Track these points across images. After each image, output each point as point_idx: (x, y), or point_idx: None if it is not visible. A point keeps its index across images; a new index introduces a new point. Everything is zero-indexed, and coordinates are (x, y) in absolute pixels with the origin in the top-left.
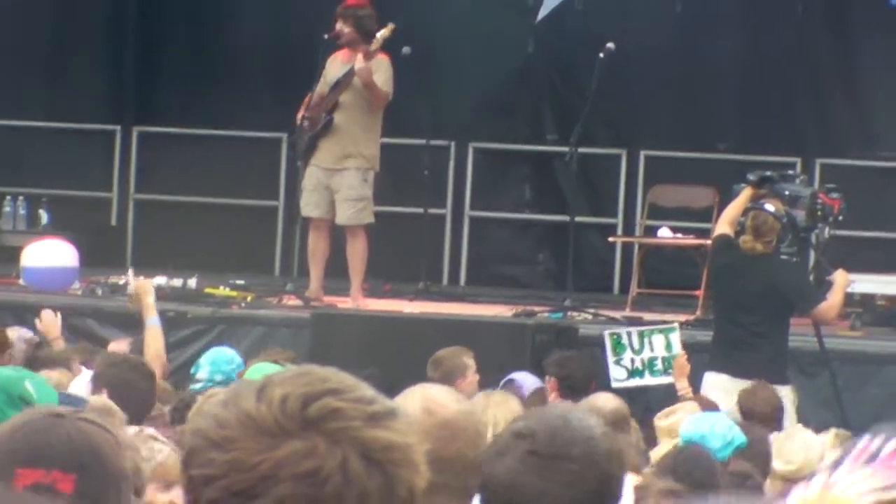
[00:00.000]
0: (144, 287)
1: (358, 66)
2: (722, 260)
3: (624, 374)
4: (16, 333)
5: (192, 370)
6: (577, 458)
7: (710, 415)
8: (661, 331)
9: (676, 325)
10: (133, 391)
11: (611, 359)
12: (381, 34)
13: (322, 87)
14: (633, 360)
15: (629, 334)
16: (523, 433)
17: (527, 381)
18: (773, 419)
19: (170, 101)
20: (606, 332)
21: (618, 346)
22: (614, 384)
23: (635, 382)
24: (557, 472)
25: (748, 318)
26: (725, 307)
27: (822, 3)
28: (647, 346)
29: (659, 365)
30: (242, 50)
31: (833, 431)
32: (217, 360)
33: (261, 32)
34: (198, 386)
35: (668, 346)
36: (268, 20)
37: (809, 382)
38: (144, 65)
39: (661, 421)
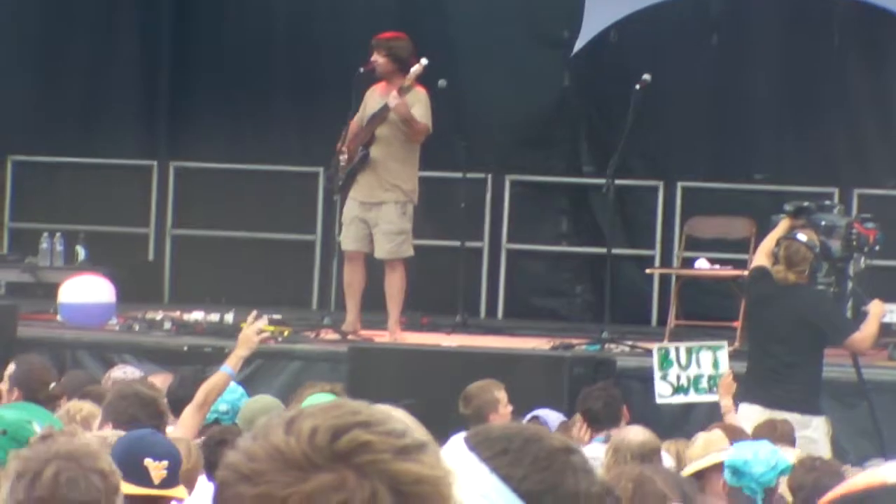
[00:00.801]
0: (251, 343)
1: (393, 104)
2: (757, 290)
3: (669, 390)
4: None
5: None
6: None
7: (753, 442)
8: (709, 348)
9: (725, 343)
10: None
11: (657, 374)
12: (414, 70)
13: (360, 119)
14: (678, 377)
15: (677, 349)
16: None
17: (550, 416)
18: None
19: (206, 135)
20: (655, 347)
21: (665, 361)
22: (659, 400)
23: (680, 399)
24: None
25: (781, 349)
26: (759, 338)
27: (857, 33)
28: (695, 362)
29: (704, 383)
30: (277, 83)
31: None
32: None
33: (295, 65)
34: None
35: (716, 364)
36: (300, 53)
37: (848, 413)
38: (181, 99)
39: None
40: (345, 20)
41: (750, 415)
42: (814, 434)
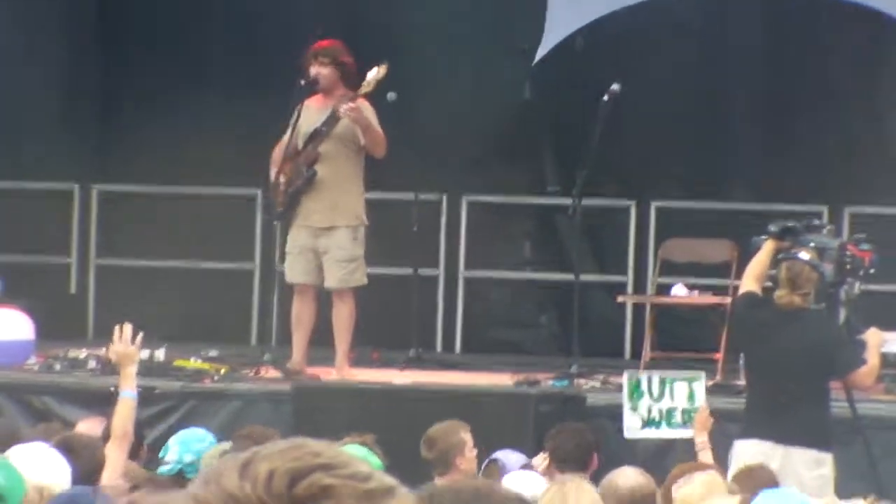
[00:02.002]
0: (131, 356)
1: (346, 108)
2: (752, 318)
3: (639, 423)
4: None
5: (160, 453)
6: None
7: (782, 491)
8: (685, 379)
9: (702, 374)
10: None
11: (626, 405)
12: (374, 75)
13: (293, 138)
14: (650, 409)
15: (649, 379)
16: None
17: (510, 458)
18: None
19: (133, 156)
20: (625, 374)
21: (635, 392)
22: (627, 434)
23: (651, 433)
24: None
25: (790, 380)
26: (762, 370)
27: (847, 37)
28: (668, 394)
29: (678, 417)
30: (210, 100)
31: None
32: (187, 439)
33: (230, 80)
34: (166, 469)
35: (691, 397)
36: (237, 65)
37: (842, 451)
38: (105, 117)
39: (677, 489)
40: (288, 30)
41: (757, 452)
42: (828, 473)
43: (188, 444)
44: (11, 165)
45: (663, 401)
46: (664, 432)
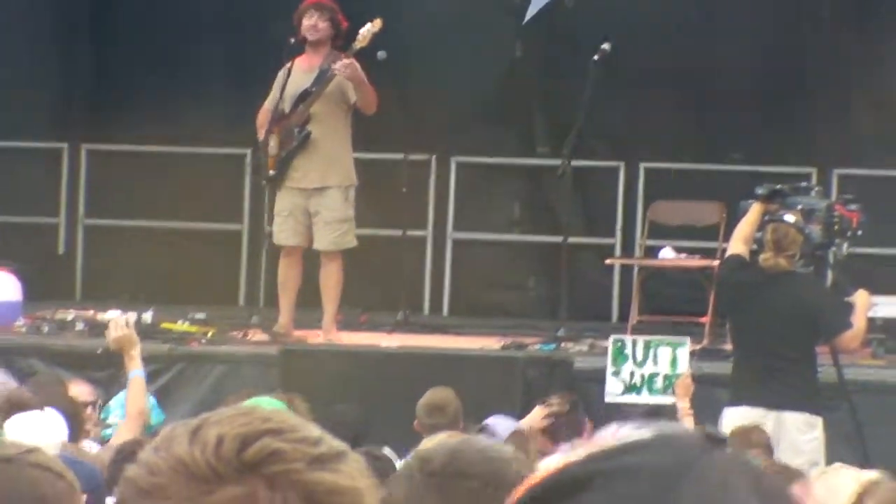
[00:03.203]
0: (131, 339)
1: (341, 66)
2: (738, 281)
3: (620, 388)
4: None
5: (101, 414)
6: (476, 476)
7: None
8: (669, 344)
9: (687, 340)
10: None
11: (609, 369)
12: (368, 30)
13: (280, 99)
14: (632, 374)
15: (634, 343)
16: (423, 458)
17: (500, 425)
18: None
19: (121, 115)
20: (610, 339)
21: (619, 356)
22: (608, 398)
23: (631, 399)
24: (456, 491)
25: (778, 343)
26: (748, 334)
27: (847, 4)
28: (651, 358)
29: (659, 383)
30: (200, 58)
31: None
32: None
33: (220, 39)
34: (109, 431)
35: (674, 363)
36: (227, 26)
37: (827, 416)
38: (94, 75)
39: None
40: None
41: (748, 418)
42: (820, 436)
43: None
44: None
45: (646, 366)
46: (644, 398)
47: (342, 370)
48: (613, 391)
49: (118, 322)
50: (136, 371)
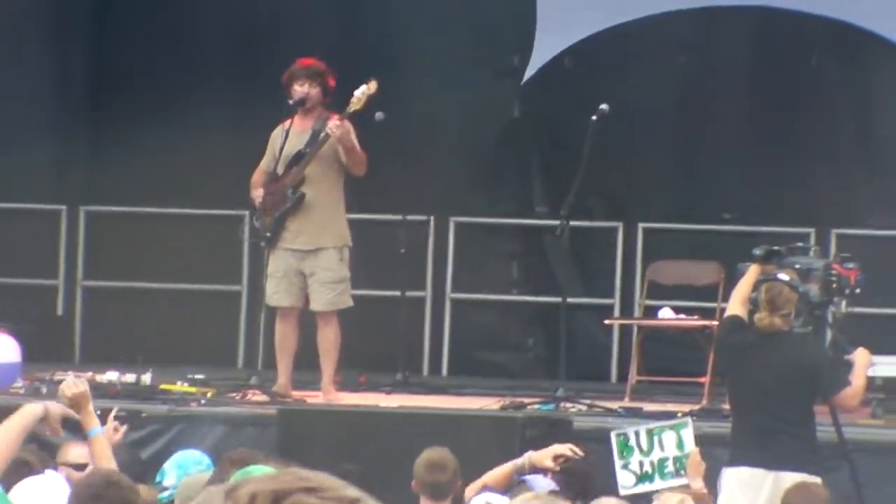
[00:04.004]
0: (86, 395)
1: (333, 127)
2: (735, 342)
3: (632, 479)
4: None
5: (157, 478)
6: None
7: None
8: (672, 427)
9: (689, 420)
10: None
11: (618, 463)
12: (364, 92)
13: (272, 161)
14: (641, 464)
15: (637, 434)
16: None
17: (538, 483)
18: None
19: (121, 177)
20: (613, 434)
21: (625, 449)
22: (622, 491)
23: (645, 488)
24: None
25: (776, 404)
26: (746, 394)
27: (838, 56)
28: (657, 445)
29: (670, 466)
30: (198, 118)
31: None
32: (184, 463)
33: (220, 98)
34: (166, 495)
35: (680, 444)
36: (228, 84)
37: (827, 476)
38: (92, 139)
39: None
40: (279, 43)
41: (747, 479)
42: None
43: (186, 469)
44: None
45: (653, 453)
46: (658, 484)
47: (341, 431)
48: (626, 483)
49: (70, 381)
50: (95, 429)
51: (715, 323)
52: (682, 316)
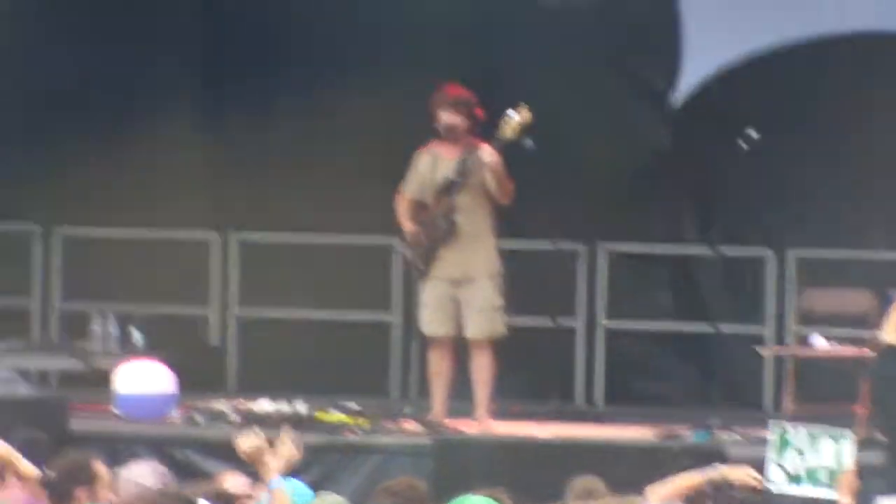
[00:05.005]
0: (262, 448)
1: (489, 158)
2: (890, 372)
3: (783, 477)
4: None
5: None
6: None
7: None
8: (832, 436)
9: (849, 433)
10: None
11: (772, 457)
12: (517, 121)
13: (418, 188)
14: (795, 464)
15: (796, 429)
16: None
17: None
18: None
19: (274, 203)
20: (771, 423)
21: (783, 444)
22: (773, 488)
23: (793, 490)
24: None
25: None
26: None
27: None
28: (815, 450)
29: (824, 476)
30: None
31: None
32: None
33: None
34: None
35: (838, 457)
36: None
37: None
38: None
39: None
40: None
41: None
42: None
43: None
44: (150, 213)
45: (809, 456)
46: (806, 490)
47: (497, 460)
48: (778, 480)
49: (245, 435)
50: (276, 480)
51: (869, 352)
52: (834, 343)
